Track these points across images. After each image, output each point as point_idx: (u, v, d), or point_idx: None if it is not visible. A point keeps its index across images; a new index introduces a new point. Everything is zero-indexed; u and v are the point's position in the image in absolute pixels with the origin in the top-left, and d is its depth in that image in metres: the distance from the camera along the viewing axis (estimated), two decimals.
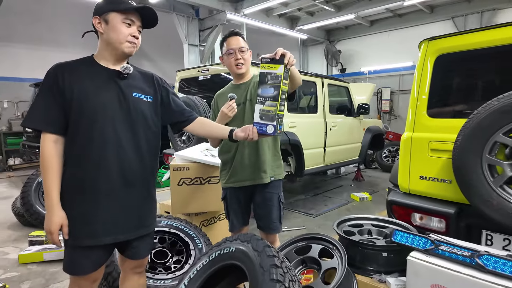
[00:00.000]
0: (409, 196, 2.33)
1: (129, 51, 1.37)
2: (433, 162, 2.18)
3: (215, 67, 4.37)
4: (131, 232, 1.44)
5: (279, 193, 2.05)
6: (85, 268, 1.36)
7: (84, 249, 1.34)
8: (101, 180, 1.32)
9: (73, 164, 1.34)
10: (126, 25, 1.33)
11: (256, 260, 1.56)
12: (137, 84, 1.44)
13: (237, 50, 1.93)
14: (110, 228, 1.36)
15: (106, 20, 1.32)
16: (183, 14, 7.02)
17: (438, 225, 2.17)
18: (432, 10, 8.06)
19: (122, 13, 1.32)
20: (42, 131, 1.29)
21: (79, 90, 1.29)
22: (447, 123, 2.15)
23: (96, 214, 1.34)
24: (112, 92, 1.35)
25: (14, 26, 8.23)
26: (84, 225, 1.33)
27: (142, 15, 1.38)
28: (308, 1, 7.23)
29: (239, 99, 2.00)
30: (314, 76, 4.88)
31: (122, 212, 1.39)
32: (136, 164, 1.41)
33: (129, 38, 1.34)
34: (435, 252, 1.59)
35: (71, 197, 1.33)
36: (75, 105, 1.28)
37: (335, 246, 1.88)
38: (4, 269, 2.86)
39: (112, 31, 1.32)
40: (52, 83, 1.28)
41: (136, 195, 1.43)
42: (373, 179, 6.64)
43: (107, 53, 1.37)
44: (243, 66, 1.97)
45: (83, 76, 1.32)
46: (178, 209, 2.88)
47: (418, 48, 2.39)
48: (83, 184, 1.33)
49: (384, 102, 9.23)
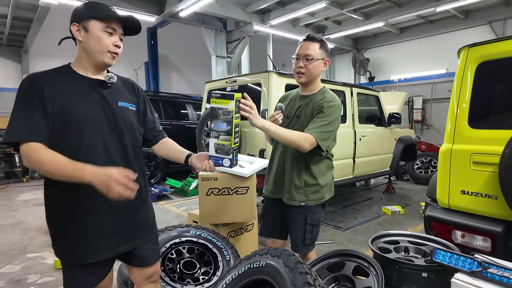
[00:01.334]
0: (449, 212, 2.19)
1: (110, 62, 1.29)
2: (476, 176, 2.04)
3: (243, 78, 4.41)
4: (135, 240, 1.39)
5: (307, 213, 1.89)
6: (92, 282, 1.32)
7: (87, 265, 1.27)
8: (92, 192, 1.13)
9: (67, 185, 1.17)
10: (108, 33, 1.24)
11: (288, 277, 1.51)
12: (121, 93, 1.37)
13: (302, 56, 1.80)
14: (111, 242, 1.31)
15: (85, 27, 1.23)
16: (211, 27, 7.20)
17: (482, 244, 2.02)
18: (467, 15, 7.71)
19: (103, 21, 1.23)
20: (25, 143, 1.14)
21: (61, 101, 1.20)
22: (491, 134, 2.01)
23: (94, 228, 1.27)
24: (95, 102, 1.27)
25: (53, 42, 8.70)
26: (83, 241, 1.26)
27: (125, 22, 1.29)
28: (336, 10, 7.16)
29: (289, 112, 1.92)
30: (342, 85, 4.79)
31: (120, 221, 1.33)
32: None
33: (111, 48, 1.25)
34: (483, 275, 1.46)
35: (64, 214, 1.26)
36: (58, 116, 1.19)
37: (370, 264, 1.79)
38: (41, 274, 2.97)
39: (92, 40, 1.23)
40: (31, 93, 1.17)
41: (131, 203, 1.29)
42: (405, 191, 6.35)
43: (86, 62, 1.28)
44: (303, 75, 1.83)
45: (63, 86, 1.22)
46: (206, 219, 2.88)
47: (458, 55, 2.28)
48: (74, 199, 1.23)
49: (416, 111, 8.89)
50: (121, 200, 1.12)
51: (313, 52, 1.80)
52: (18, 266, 3.13)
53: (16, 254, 3.42)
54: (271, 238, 2.10)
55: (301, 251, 1.97)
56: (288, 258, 1.58)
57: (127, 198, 1.11)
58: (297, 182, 1.88)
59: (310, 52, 1.79)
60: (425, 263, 1.79)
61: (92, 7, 1.24)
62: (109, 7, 1.26)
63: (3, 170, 7.89)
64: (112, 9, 1.26)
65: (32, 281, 2.83)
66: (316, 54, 1.80)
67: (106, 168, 1.13)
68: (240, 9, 6.78)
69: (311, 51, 1.80)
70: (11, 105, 1.20)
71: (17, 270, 3.06)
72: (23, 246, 3.64)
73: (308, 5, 6.28)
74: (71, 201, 1.24)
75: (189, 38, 8.14)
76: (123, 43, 1.33)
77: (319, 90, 1.92)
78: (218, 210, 2.87)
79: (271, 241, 2.11)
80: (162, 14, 6.35)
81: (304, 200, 1.88)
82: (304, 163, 1.88)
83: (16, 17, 6.51)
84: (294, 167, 1.89)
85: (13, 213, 5.11)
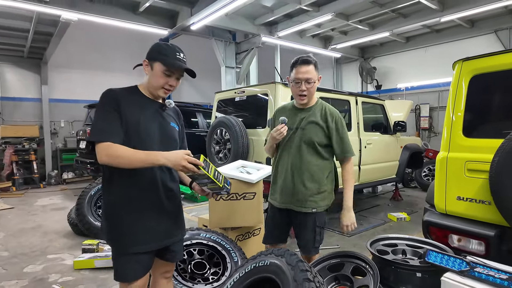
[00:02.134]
0: (446, 217, 2.29)
1: (162, 95, 1.58)
2: (470, 183, 2.15)
3: (251, 88, 4.61)
4: (172, 238, 1.65)
5: (316, 218, 2.03)
6: (138, 272, 1.54)
7: (136, 255, 1.52)
8: (149, 195, 1.53)
9: (124, 183, 1.50)
10: (166, 75, 1.51)
11: (290, 274, 1.65)
12: (171, 115, 1.70)
13: (303, 81, 1.92)
14: (158, 235, 1.57)
15: (152, 65, 1.52)
16: (221, 39, 7.47)
17: (477, 248, 2.11)
18: (473, 24, 7.79)
19: (165, 66, 1.50)
20: (105, 142, 1.40)
21: (131, 116, 1.48)
22: (484, 143, 2.12)
23: (147, 226, 1.53)
24: (156, 120, 1.57)
25: (71, 54, 9.23)
26: (137, 235, 1.51)
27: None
28: (342, 22, 7.34)
29: (291, 124, 2.04)
30: (348, 94, 4.93)
31: (166, 220, 1.60)
32: (172, 181, 1.65)
33: (165, 86, 1.54)
34: (471, 274, 1.58)
35: (123, 211, 1.51)
36: (127, 125, 1.46)
37: (368, 264, 1.92)
38: (61, 274, 3.17)
39: (153, 77, 1.52)
40: (111, 104, 1.45)
41: (173, 205, 1.64)
42: (412, 198, 6.39)
43: (149, 89, 1.58)
44: (305, 97, 1.98)
45: (133, 103, 1.51)
46: (215, 223, 3.04)
47: (452, 68, 2.41)
48: (133, 200, 1.50)
49: (423, 119, 8.92)
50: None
51: (313, 75, 1.94)
52: (39, 266, 3.34)
53: (38, 255, 3.64)
54: (274, 245, 2.19)
55: (312, 253, 2.09)
56: (290, 257, 1.73)
57: (193, 172, 1.37)
58: (308, 191, 2.01)
59: (311, 75, 1.92)
60: (419, 264, 1.91)
61: (161, 52, 1.51)
62: (176, 54, 1.52)
63: (22, 176, 8.23)
64: (178, 55, 1.53)
65: (53, 280, 3.03)
66: (314, 76, 1.95)
67: (173, 152, 1.41)
68: (248, 22, 7.04)
69: (310, 74, 1.92)
70: (31, 113, 1.45)
71: (39, 270, 3.27)
72: (44, 248, 3.86)
73: (314, 17, 6.48)
74: (127, 202, 1.50)
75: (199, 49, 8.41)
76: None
77: (316, 101, 2.09)
78: (227, 214, 3.03)
79: (271, 245, 2.23)
80: (175, 27, 6.65)
81: (315, 207, 2.02)
82: (313, 173, 2.02)
83: (37, 31, 6.88)
84: (305, 177, 2.01)
85: (33, 217, 5.37)
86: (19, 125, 8.83)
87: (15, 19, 6.43)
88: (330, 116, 2.01)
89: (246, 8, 5.84)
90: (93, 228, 3.98)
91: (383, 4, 6.67)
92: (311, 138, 1.99)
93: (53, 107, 9.17)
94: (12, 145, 8.25)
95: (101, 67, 9.83)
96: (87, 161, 6.64)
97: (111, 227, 1.54)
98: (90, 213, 4.10)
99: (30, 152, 8.38)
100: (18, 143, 8.45)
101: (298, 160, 2.02)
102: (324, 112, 2.03)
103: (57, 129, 9.39)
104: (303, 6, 6.12)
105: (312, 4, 6.17)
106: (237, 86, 7.58)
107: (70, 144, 9.29)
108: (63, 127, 9.52)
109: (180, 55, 1.54)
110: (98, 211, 4.19)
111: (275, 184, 2.16)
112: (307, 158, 2.01)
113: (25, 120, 8.99)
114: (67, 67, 9.38)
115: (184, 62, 1.54)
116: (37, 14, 5.84)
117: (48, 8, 5.29)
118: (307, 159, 2.01)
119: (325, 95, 4.46)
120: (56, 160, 9.20)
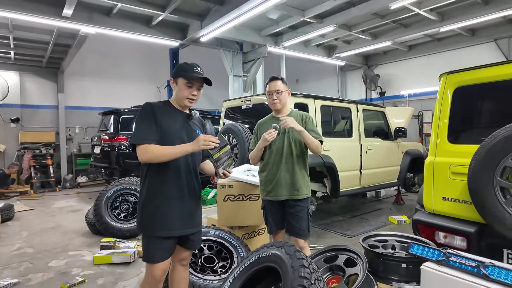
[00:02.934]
0: (433, 216, 2.51)
1: (188, 105, 1.91)
2: (454, 185, 2.37)
3: (257, 97, 4.89)
4: (192, 228, 1.95)
5: (307, 206, 2.45)
6: (163, 255, 1.84)
7: (162, 240, 1.82)
8: (175, 190, 1.85)
9: (155, 179, 1.84)
10: (188, 87, 1.85)
11: (288, 262, 1.91)
12: (196, 124, 2.03)
13: (274, 92, 2.46)
14: (180, 224, 1.87)
15: (176, 82, 1.89)
16: (229, 49, 7.83)
17: (460, 244, 2.33)
18: (473, 33, 7.98)
19: (186, 79, 1.84)
20: (144, 144, 1.74)
21: (164, 123, 1.82)
22: (465, 149, 2.34)
23: (171, 214, 1.84)
24: (184, 127, 1.90)
25: (85, 63, 9.69)
26: (163, 222, 1.82)
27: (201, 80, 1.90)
28: (345, 32, 7.62)
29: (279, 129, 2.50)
30: (350, 102, 5.18)
31: (188, 213, 1.91)
32: (194, 180, 1.97)
33: (189, 96, 1.87)
34: (446, 262, 1.81)
35: (153, 201, 1.83)
36: (161, 132, 1.80)
37: (358, 256, 2.16)
38: (82, 268, 3.46)
39: (179, 91, 1.88)
40: (150, 113, 1.80)
41: (195, 201, 1.97)
42: (414, 202, 6.47)
43: (177, 101, 1.93)
44: (278, 103, 2.49)
45: (166, 114, 1.85)
46: (223, 222, 3.31)
47: (438, 79, 2.65)
48: (162, 192, 1.84)
49: (426, 125, 9.09)
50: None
51: (281, 87, 2.47)
52: (62, 261, 3.65)
53: (60, 252, 3.95)
54: (277, 233, 2.57)
55: (307, 236, 2.44)
56: (288, 248, 1.98)
57: (215, 143, 1.72)
58: (302, 180, 2.44)
59: (279, 87, 2.46)
60: (404, 256, 2.14)
61: (182, 69, 1.87)
62: (194, 68, 1.86)
63: (40, 180, 8.64)
64: (196, 69, 1.86)
65: (76, 273, 3.32)
66: (282, 87, 2.47)
67: (194, 140, 1.76)
68: (255, 33, 7.37)
69: (279, 86, 2.46)
70: (48, 120, 1.79)
71: (62, 264, 3.57)
72: (65, 246, 4.18)
73: (318, 28, 6.77)
74: (157, 194, 1.83)
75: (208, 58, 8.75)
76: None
77: (290, 111, 2.58)
78: (234, 214, 3.30)
79: (276, 235, 2.58)
80: (185, 39, 7.01)
81: (306, 193, 2.45)
82: (303, 164, 2.49)
83: (57, 43, 7.32)
84: (297, 168, 2.44)
85: (51, 218, 5.72)
86: (37, 131, 9.29)
87: (37, 33, 6.88)
88: (305, 117, 2.54)
89: (253, 20, 6.15)
90: (110, 227, 4.28)
91: (384, 16, 6.92)
92: (297, 137, 2.44)
93: (68, 114, 9.61)
94: (30, 150, 8.68)
95: (113, 76, 10.27)
96: (101, 166, 6.97)
97: (143, 215, 1.85)
98: (107, 213, 4.40)
99: (47, 157, 8.81)
100: (35, 148, 8.89)
101: (290, 156, 2.46)
102: (301, 117, 2.54)
103: (72, 135, 9.82)
104: (307, 19, 6.42)
105: (315, 17, 6.47)
106: (244, 94, 7.89)
107: (84, 150, 9.70)
108: (77, 133, 9.95)
109: (197, 68, 1.88)
110: (114, 212, 4.50)
111: (270, 181, 2.50)
112: (297, 153, 2.46)
113: (43, 126, 9.44)
114: (81, 75, 9.84)
115: (201, 74, 1.88)
116: (58, 28, 6.27)
117: (69, 23, 5.69)
118: (297, 154, 2.46)
119: (326, 103, 4.73)
120: (71, 164, 9.61)
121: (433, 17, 6.65)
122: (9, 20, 6.08)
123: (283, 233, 2.59)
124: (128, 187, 4.70)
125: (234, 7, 5.35)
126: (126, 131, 6.80)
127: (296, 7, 6.17)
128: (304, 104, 4.42)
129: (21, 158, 8.63)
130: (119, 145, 6.65)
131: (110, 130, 7.02)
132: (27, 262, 3.65)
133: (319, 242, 4.09)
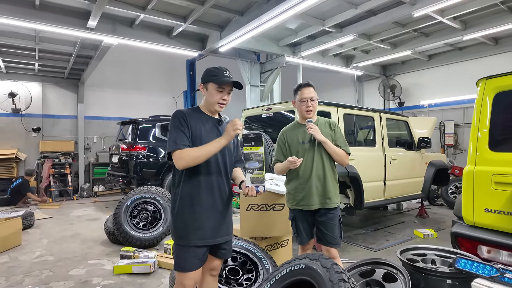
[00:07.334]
0: (474, 228, 2.35)
1: (218, 110, 1.89)
2: (498, 195, 2.22)
3: (277, 106, 4.83)
4: (224, 237, 1.88)
5: (339, 214, 2.41)
6: (195, 264, 1.77)
7: (195, 249, 1.77)
8: (206, 196, 1.80)
9: (186, 185, 1.80)
10: (219, 92, 1.82)
11: (325, 276, 1.79)
12: None
13: (308, 99, 2.40)
14: (212, 233, 1.81)
15: (206, 87, 1.85)
16: (246, 60, 7.86)
17: (508, 259, 2.16)
18: (497, 42, 7.77)
19: (217, 84, 1.81)
20: (180, 150, 1.72)
21: (195, 130, 1.80)
22: (510, 157, 2.20)
23: (204, 223, 1.78)
24: (214, 132, 1.86)
25: (104, 74, 9.90)
26: (196, 231, 1.77)
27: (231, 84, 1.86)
28: (363, 41, 7.54)
29: (303, 138, 2.46)
30: (371, 111, 5.06)
31: (219, 221, 1.85)
32: (226, 187, 1.90)
33: (220, 101, 1.84)
34: (501, 279, 1.66)
35: (186, 209, 1.79)
36: (192, 137, 1.78)
37: (398, 270, 2.02)
38: (103, 277, 3.40)
39: (209, 96, 1.85)
40: (181, 121, 1.78)
41: (227, 209, 1.91)
42: (439, 216, 6.29)
43: (207, 107, 1.90)
44: (311, 112, 2.43)
45: (197, 120, 1.84)
46: (246, 232, 3.20)
47: (476, 85, 2.52)
48: (193, 198, 1.78)
49: (448, 135, 8.82)
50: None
51: (314, 94, 2.43)
52: (83, 270, 3.60)
53: (80, 260, 3.91)
54: (307, 244, 2.48)
55: (338, 245, 2.35)
56: (324, 260, 1.87)
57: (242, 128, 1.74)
58: (333, 188, 2.40)
59: (313, 94, 2.42)
60: (449, 271, 1.99)
61: (212, 74, 1.83)
62: (224, 72, 1.83)
63: (58, 189, 8.75)
64: (225, 73, 1.83)
65: (96, 283, 3.26)
66: (315, 95, 2.44)
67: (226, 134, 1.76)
68: (273, 43, 7.37)
69: (313, 93, 2.42)
70: (67, 130, 1.73)
71: (83, 273, 3.52)
72: (84, 254, 4.14)
73: (337, 38, 6.72)
74: (188, 200, 1.79)
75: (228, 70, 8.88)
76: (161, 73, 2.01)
77: (317, 118, 2.53)
78: (257, 224, 3.19)
79: (306, 246, 2.48)
80: (204, 49, 7.07)
81: (337, 201, 2.41)
82: (333, 172, 2.45)
83: (79, 55, 7.52)
84: (328, 176, 2.39)
85: (70, 226, 5.72)
86: (56, 140, 9.48)
87: (61, 44, 7.08)
88: (333, 125, 2.52)
89: (272, 30, 6.15)
90: (129, 236, 4.23)
91: (405, 24, 6.83)
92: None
93: (87, 124, 9.78)
94: (50, 159, 8.83)
95: (131, 86, 10.45)
96: (119, 175, 7.00)
97: (176, 224, 1.80)
98: (127, 222, 4.36)
99: (65, 166, 8.94)
100: (55, 157, 9.04)
101: (321, 165, 2.40)
102: (328, 124, 2.53)
103: (90, 144, 9.97)
104: (326, 28, 6.39)
105: (335, 26, 6.43)
106: (261, 104, 7.84)
107: (102, 159, 9.82)
108: (95, 143, 10.09)
109: (227, 72, 1.85)
110: (133, 221, 4.45)
111: (302, 190, 2.41)
112: (327, 161, 2.41)
113: (62, 136, 9.63)
114: (100, 86, 10.06)
115: (231, 78, 1.84)
116: (81, 40, 6.42)
117: (93, 34, 5.82)
118: (327, 162, 2.41)
119: (349, 112, 4.62)
120: (89, 173, 9.72)
121: (456, 25, 6.51)
122: (36, 32, 6.27)
123: (312, 244, 2.50)
124: (148, 196, 4.67)
125: (255, 17, 5.36)
126: (144, 140, 6.86)
127: (316, 17, 6.14)
128: (327, 112, 4.32)
129: (41, 167, 8.78)
130: (137, 154, 6.68)
131: (128, 139, 7.08)
132: (47, 270, 3.61)
133: (344, 256, 3.92)
